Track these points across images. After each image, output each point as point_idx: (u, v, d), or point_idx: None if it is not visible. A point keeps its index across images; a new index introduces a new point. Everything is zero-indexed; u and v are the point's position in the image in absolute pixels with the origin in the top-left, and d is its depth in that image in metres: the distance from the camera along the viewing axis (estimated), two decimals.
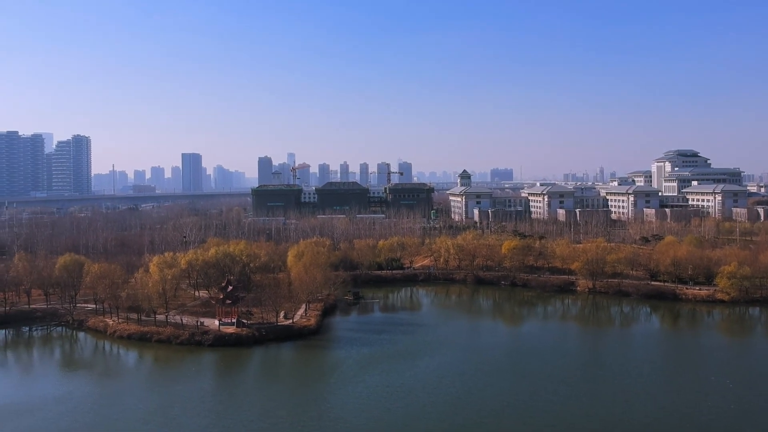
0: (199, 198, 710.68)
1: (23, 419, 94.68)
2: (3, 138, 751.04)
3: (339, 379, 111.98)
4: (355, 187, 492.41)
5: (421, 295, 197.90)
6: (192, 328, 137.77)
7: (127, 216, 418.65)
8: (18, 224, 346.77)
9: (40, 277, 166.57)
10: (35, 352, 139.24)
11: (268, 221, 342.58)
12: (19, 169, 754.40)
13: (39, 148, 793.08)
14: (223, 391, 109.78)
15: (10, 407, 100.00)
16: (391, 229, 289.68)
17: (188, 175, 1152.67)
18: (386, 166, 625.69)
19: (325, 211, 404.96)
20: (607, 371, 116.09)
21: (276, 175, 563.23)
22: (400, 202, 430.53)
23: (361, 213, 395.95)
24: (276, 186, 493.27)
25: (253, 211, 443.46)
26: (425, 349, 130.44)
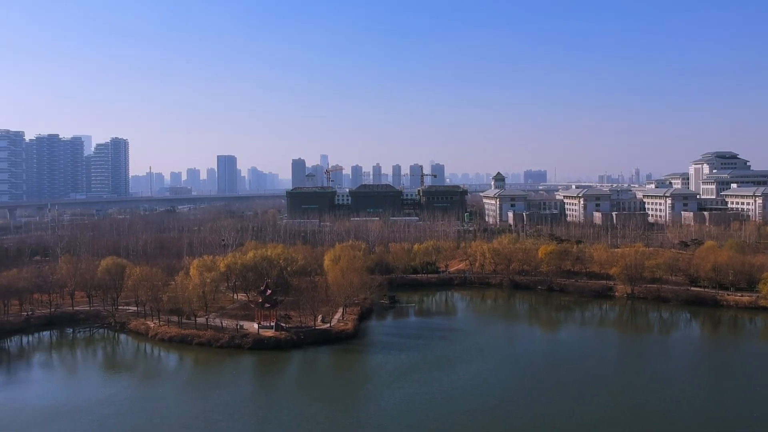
0: (234, 200, 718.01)
1: (67, 422, 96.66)
2: (44, 141, 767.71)
3: (377, 385, 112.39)
4: (388, 189, 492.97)
5: (457, 300, 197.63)
6: (232, 331, 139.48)
7: (165, 218, 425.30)
8: (60, 226, 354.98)
9: (83, 280, 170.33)
10: (78, 354, 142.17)
11: (303, 223, 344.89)
12: (59, 171, 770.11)
13: (78, 150, 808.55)
14: (262, 395, 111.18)
15: (55, 409, 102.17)
16: (425, 232, 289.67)
17: (223, 176, 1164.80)
18: (419, 168, 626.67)
19: (358, 214, 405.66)
20: (647, 380, 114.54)
21: (310, 178, 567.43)
22: (433, 204, 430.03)
23: (394, 215, 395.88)
24: (310, 188, 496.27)
25: (287, 213, 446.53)
26: (462, 355, 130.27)
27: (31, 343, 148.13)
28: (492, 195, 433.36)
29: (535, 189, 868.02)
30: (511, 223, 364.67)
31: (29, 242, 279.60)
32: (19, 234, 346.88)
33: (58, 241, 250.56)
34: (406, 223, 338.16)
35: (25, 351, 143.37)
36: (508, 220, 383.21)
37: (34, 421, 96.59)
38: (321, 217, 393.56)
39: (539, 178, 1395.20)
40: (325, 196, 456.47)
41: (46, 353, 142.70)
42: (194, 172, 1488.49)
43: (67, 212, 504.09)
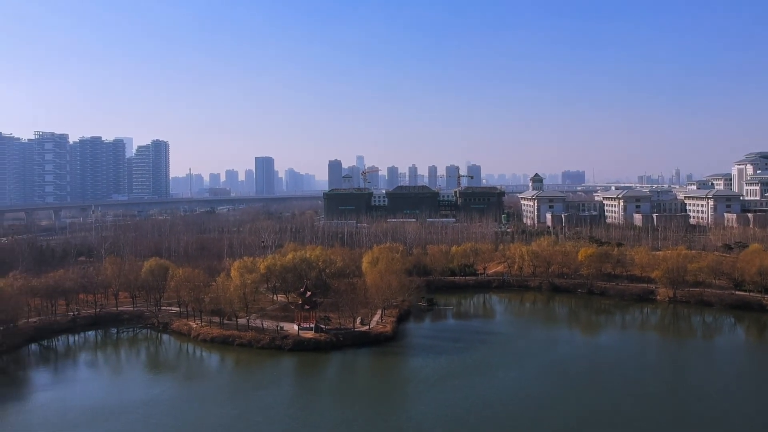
0: (272, 201, 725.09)
1: (113, 421, 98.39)
2: (87, 143, 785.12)
3: (416, 388, 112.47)
4: (425, 190, 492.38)
5: (495, 302, 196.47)
6: (272, 333, 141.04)
7: (205, 219, 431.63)
8: (103, 227, 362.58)
9: (127, 281, 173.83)
10: (123, 354, 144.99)
11: (340, 225, 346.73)
12: (102, 173, 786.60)
13: (120, 152, 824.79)
14: (303, 397, 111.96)
15: (101, 409, 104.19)
16: (463, 234, 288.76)
17: (261, 178, 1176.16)
18: (455, 169, 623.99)
19: (395, 215, 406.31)
20: (691, 386, 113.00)
21: (346, 179, 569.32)
22: (470, 205, 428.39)
23: (431, 217, 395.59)
24: (347, 190, 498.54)
25: (324, 214, 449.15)
26: (502, 359, 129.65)
27: (77, 343, 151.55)
28: (530, 196, 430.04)
29: (573, 190, 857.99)
30: (549, 225, 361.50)
31: (74, 243, 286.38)
32: (63, 234, 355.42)
33: (102, 242, 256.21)
34: (442, 225, 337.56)
35: (72, 350, 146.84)
36: (546, 222, 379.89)
37: (81, 421, 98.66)
38: (358, 218, 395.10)
39: (577, 178, 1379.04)
40: (362, 197, 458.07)
41: (91, 353, 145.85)
42: (233, 174, 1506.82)
43: (109, 213, 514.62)
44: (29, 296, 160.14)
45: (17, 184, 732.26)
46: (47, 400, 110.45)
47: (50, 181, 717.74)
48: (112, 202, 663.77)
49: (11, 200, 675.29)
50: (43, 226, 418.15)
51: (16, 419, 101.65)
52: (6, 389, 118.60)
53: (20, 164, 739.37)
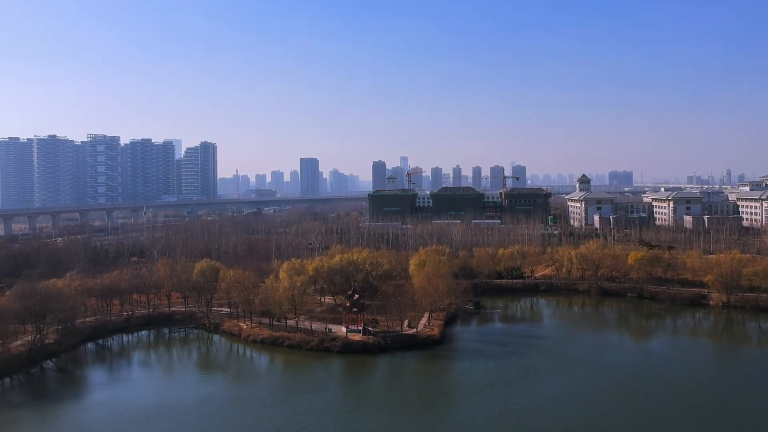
0: (317, 202, 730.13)
1: (166, 422, 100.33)
2: (138, 145, 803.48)
3: (465, 393, 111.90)
4: (469, 192, 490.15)
5: (542, 306, 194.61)
6: (321, 335, 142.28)
7: (252, 220, 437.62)
8: (154, 228, 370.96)
9: (179, 281, 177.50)
10: (175, 354, 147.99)
11: (385, 226, 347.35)
12: (152, 174, 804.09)
13: (170, 154, 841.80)
14: (352, 400, 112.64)
15: (155, 409, 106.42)
16: (509, 236, 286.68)
17: (306, 179, 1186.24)
18: (500, 170, 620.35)
19: (440, 216, 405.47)
20: (746, 395, 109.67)
21: (391, 180, 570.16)
22: (516, 207, 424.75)
23: (476, 218, 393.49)
24: (391, 191, 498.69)
25: (369, 215, 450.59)
26: (551, 365, 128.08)
27: (131, 342, 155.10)
28: (577, 198, 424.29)
29: (620, 191, 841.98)
30: (597, 227, 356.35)
31: (126, 243, 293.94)
32: (116, 235, 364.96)
33: (154, 243, 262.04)
34: (488, 227, 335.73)
35: (126, 350, 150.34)
36: (593, 224, 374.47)
37: (136, 421, 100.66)
38: (402, 219, 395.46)
39: (625, 179, 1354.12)
40: (406, 198, 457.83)
41: (144, 352, 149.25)
42: (278, 175, 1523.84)
43: (159, 214, 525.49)
44: (86, 296, 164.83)
45: (71, 186, 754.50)
46: (103, 400, 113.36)
47: (102, 183, 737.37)
48: (162, 203, 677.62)
49: (65, 201, 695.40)
50: (96, 227, 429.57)
51: (75, 417, 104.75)
52: (65, 387, 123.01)
53: (74, 166, 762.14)
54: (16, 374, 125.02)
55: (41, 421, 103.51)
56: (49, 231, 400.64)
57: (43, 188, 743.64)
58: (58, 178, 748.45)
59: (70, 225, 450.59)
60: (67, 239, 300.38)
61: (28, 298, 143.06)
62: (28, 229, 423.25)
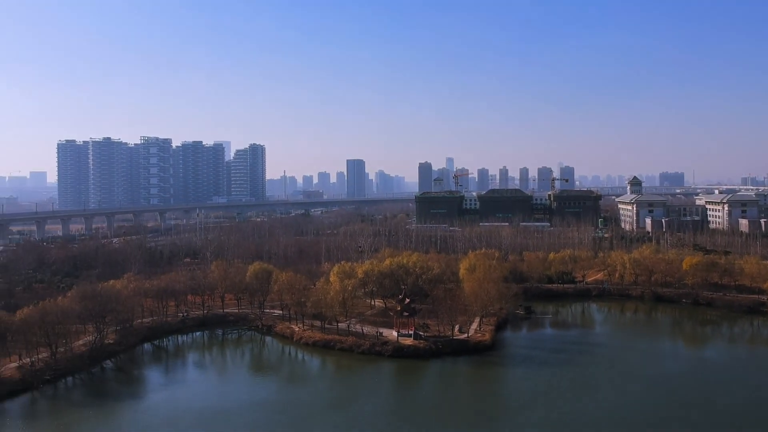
0: (364, 203, 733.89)
1: (221, 426, 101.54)
2: (189, 148, 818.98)
3: (519, 403, 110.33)
4: (517, 194, 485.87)
5: (594, 311, 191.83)
6: (372, 338, 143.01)
7: (301, 221, 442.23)
8: (206, 229, 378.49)
9: (232, 283, 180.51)
10: (229, 355, 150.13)
11: (432, 228, 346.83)
12: (202, 176, 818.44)
13: (220, 156, 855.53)
14: (404, 406, 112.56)
15: (210, 410, 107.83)
16: (558, 239, 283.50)
17: (353, 180, 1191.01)
18: (548, 171, 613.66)
19: (487, 219, 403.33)
20: None
21: (437, 182, 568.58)
22: (565, 210, 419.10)
23: (524, 221, 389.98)
24: (438, 193, 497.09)
25: (416, 217, 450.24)
26: (605, 373, 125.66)
27: (186, 343, 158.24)
28: (628, 200, 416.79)
29: (672, 192, 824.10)
30: (648, 231, 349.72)
31: (179, 244, 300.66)
32: (169, 236, 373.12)
33: (207, 245, 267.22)
34: (537, 230, 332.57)
35: (181, 350, 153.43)
36: (645, 227, 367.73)
37: (193, 424, 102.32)
38: (449, 221, 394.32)
39: (676, 180, 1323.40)
40: (454, 200, 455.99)
41: (199, 353, 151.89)
42: (325, 176, 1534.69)
43: (210, 215, 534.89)
44: (142, 297, 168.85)
45: (125, 187, 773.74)
46: (161, 401, 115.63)
47: (155, 184, 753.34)
48: (212, 204, 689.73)
49: (120, 202, 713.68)
50: (149, 228, 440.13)
51: (135, 418, 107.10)
52: (124, 387, 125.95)
53: (127, 168, 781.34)
54: (79, 373, 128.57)
55: (103, 422, 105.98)
56: (104, 231, 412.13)
57: (98, 189, 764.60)
58: (112, 180, 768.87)
59: (125, 225, 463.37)
60: (123, 240, 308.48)
61: (89, 299, 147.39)
62: (84, 229, 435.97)
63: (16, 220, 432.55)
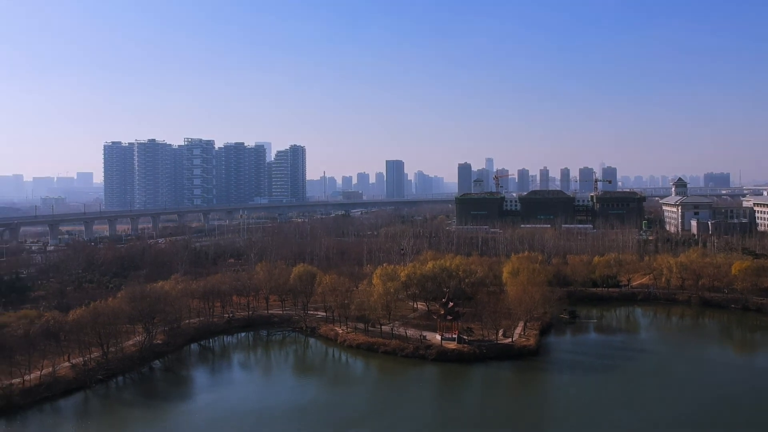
0: (403, 204, 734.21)
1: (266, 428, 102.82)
2: (231, 149, 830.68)
3: (567, 412, 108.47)
4: (559, 195, 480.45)
5: (639, 316, 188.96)
6: (416, 342, 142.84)
7: (341, 222, 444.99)
8: (248, 230, 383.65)
9: (277, 285, 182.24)
10: (274, 356, 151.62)
11: (473, 230, 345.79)
12: (244, 176, 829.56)
13: (261, 157, 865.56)
14: (450, 412, 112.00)
15: (254, 415, 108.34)
16: (601, 241, 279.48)
17: (392, 181, 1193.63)
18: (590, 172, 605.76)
19: (528, 220, 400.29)
20: None
21: (477, 183, 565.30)
22: (608, 211, 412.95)
23: (566, 223, 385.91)
24: (479, 194, 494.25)
25: (456, 218, 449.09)
26: (653, 381, 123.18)
27: (231, 344, 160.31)
28: (673, 202, 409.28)
29: (717, 194, 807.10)
30: (694, 233, 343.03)
31: (222, 244, 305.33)
32: (212, 236, 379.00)
33: (251, 247, 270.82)
34: (579, 232, 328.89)
35: (227, 351, 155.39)
36: (690, 230, 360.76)
37: (238, 427, 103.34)
38: (490, 223, 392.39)
39: (721, 181, 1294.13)
40: (494, 202, 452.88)
41: (245, 354, 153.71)
42: (364, 176, 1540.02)
43: (252, 216, 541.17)
44: (189, 298, 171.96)
45: (168, 188, 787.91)
46: (208, 402, 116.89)
47: (198, 185, 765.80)
48: (254, 205, 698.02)
49: (164, 203, 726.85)
50: (193, 228, 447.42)
51: (182, 418, 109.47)
52: (173, 388, 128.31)
53: (171, 169, 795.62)
54: (129, 373, 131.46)
55: (152, 422, 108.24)
56: (150, 232, 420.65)
57: (143, 190, 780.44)
58: (156, 181, 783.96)
59: (170, 226, 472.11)
60: (169, 241, 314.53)
61: (139, 300, 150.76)
62: (131, 230, 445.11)
63: (65, 220, 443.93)
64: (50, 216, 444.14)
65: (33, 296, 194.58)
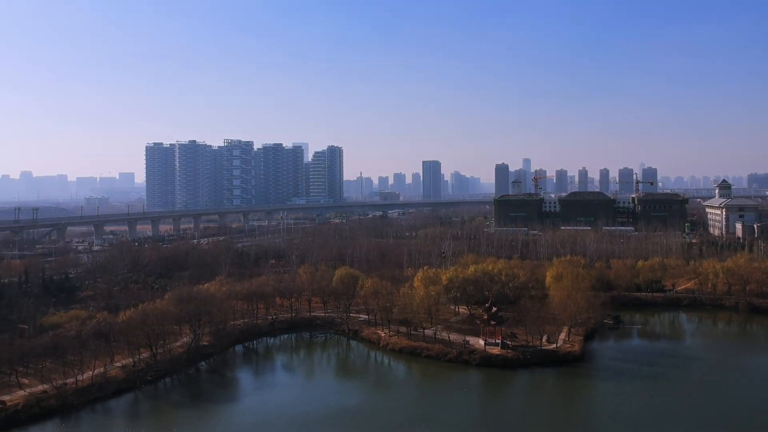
0: (440, 205, 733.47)
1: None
2: (270, 150, 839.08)
3: (613, 419, 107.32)
4: (600, 197, 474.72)
5: (684, 322, 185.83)
6: (459, 347, 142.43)
7: (379, 223, 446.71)
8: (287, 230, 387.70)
9: (319, 287, 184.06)
10: (316, 359, 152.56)
11: (512, 232, 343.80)
12: (282, 177, 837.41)
13: (299, 158, 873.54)
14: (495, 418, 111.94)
15: (299, 419, 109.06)
16: (644, 245, 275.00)
17: (428, 181, 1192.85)
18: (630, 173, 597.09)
19: (568, 222, 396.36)
20: None
21: (516, 185, 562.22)
22: (650, 213, 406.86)
23: (607, 225, 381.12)
24: (517, 196, 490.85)
25: (494, 220, 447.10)
26: (702, 391, 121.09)
27: (275, 345, 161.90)
28: (717, 204, 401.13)
29: (762, 195, 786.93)
30: (739, 236, 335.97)
31: (263, 245, 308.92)
32: (252, 237, 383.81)
33: (293, 249, 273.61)
34: (621, 234, 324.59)
35: (271, 353, 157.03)
36: (735, 233, 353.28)
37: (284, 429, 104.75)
38: (529, 225, 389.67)
39: (766, 182, 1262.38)
40: (533, 203, 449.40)
41: (288, 356, 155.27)
42: (400, 177, 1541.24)
43: (290, 216, 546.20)
44: (234, 300, 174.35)
45: (208, 188, 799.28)
46: (253, 405, 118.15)
47: (237, 185, 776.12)
48: (292, 205, 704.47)
49: (204, 203, 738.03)
50: (233, 229, 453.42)
51: (228, 420, 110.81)
52: (219, 389, 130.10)
53: (211, 170, 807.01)
54: (176, 374, 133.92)
55: (199, 424, 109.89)
56: (191, 232, 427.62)
57: (184, 190, 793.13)
58: (197, 181, 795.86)
59: (210, 227, 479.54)
60: (212, 242, 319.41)
61: (186, 302, 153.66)
62: (173, 230, 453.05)
63: (110, 221, 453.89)
64: (95, 216, 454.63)
65: (81, 296, 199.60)
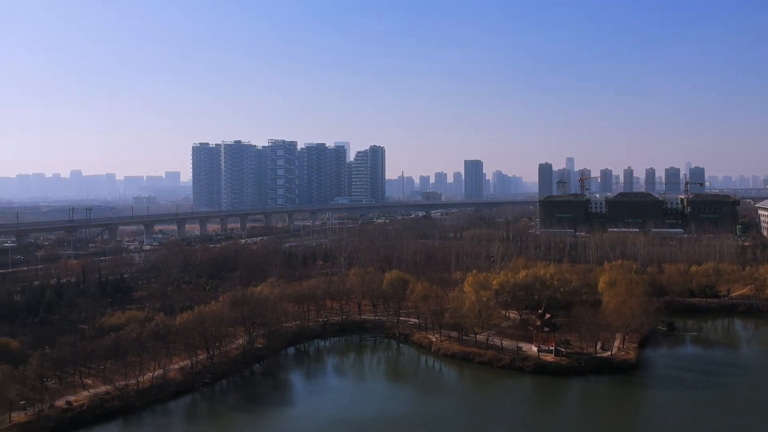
0: (483, 205, 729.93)
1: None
2: (313, 149, 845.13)
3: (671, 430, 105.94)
4: (647, 198, 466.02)
5: (739, 329, 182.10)
6: (512, 353, 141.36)
7: (422, 224, 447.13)
8: (331, 231, 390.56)
9: (369, 290, 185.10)
10: (367, 363, 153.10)
11: (558, 234, 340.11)
12: (325, 177, 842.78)
13: (342, 158, 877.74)
14: (549, 426, 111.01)
15: (352, 423, 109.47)
16: (695, 248, 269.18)
17: (470, 181, 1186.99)
18: (677, 173, 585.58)
19: (615, 224, 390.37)
20: None
21: (561, 185, 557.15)
22: (699, 215, 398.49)
23: (655, 227, 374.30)
24: (563, 196, 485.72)
25: (540, 221, 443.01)
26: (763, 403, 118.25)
27: (326, 348, 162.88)
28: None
29: None
30: None
31: (310, 246, 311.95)
32: (297, 237, 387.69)
33: (341, 250, 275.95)
34: (670, 237, 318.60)
35: (322, 356, 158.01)
36: None
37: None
38: (575, 226, 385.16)
39: None
40: (579, 204, 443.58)
41: (339, 359, 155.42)
42: (441, 176, 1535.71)
43: (334, 216, 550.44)
44: (285, 302, 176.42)
45: (253, 188, 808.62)
46: (306, 410, 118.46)
47: (281, 185, 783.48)
48: (335, 205, 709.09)
49: (249, 203, 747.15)
50: (279, 228, 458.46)
51: (282, 425, 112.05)
52: (273, 392, 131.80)
53: (256, 170, 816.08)
54: (232, 376, 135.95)
55: (255, 428, 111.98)
56: (238, 232, 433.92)
57: (229, 190, 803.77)
58: (242, 181, 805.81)
59: (256, 226, 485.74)
60: (260, 243, 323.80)
61: (241, 305, 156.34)
62: (220, 229, 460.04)
63: (160, 220, 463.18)
64: (146, 216, 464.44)
65: (136, 296, 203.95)
